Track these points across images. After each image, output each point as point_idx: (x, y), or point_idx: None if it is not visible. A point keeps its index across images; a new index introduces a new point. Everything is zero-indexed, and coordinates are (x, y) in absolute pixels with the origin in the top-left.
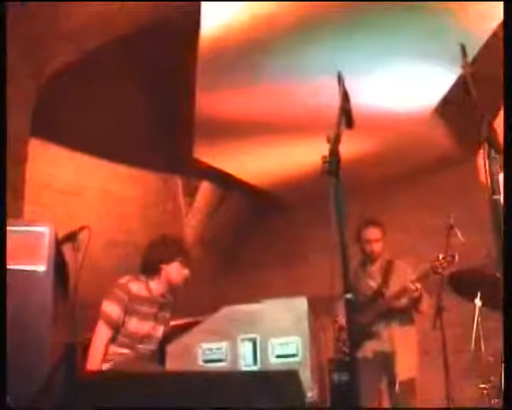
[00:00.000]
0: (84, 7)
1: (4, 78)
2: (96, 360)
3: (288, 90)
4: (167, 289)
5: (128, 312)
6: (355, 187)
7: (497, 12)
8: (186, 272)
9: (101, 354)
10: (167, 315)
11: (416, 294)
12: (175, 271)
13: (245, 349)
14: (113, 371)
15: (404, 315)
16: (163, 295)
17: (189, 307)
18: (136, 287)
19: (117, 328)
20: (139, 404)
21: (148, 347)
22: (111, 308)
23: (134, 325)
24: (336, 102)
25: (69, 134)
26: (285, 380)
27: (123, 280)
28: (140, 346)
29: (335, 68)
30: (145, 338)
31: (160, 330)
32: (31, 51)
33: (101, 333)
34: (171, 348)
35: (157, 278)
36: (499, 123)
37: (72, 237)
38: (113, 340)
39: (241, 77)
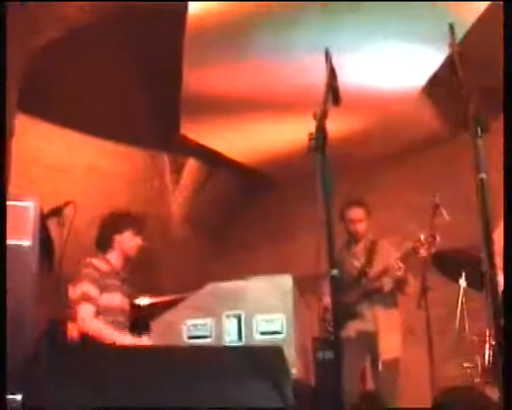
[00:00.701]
0: None
1: (4, 78)
2: (86, 335)
3: (276, 67)
4: (124, 260)
5: (100, 288)
6: (342, 165)
7: None
8: (139, 240)
9: (90, 329)
10: (129, 289)
11: (400, 273)
12: (127, 240)
13: (230, 326)
14: (97, 343)
15: (388, 295)
16: (123, 266)
17: (176, 285)
18: (99, 263)
19: (96, 304)
20: (124, 377)
21: (121, 319)
22: (86, 288)
23: (105, 299)
24: (324, 80)
25: (58, 110)
26: (269, 356)
27: (87, 260)
28: (114, 319)
29: (323, 46)
30: (117, 311)
31: (127, 303)
32: (19, 25)
33: (85, 311)
34: (155, 325)
35: (112, 250)
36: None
37: (57, 211)
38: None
39: (229, 54)
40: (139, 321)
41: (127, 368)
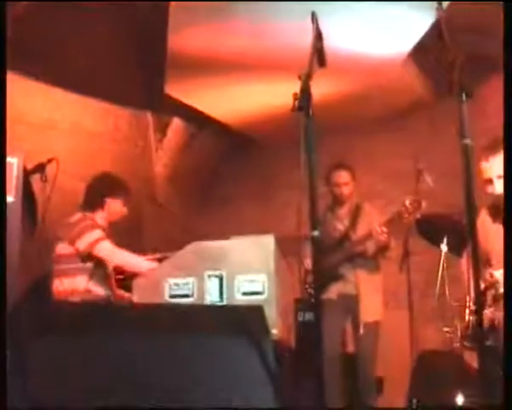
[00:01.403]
0: None
1: (4, 78)
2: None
3: (262, 27)
4: (107, 223)
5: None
6: (326, 128)
7: None
8: (125, 210)
9: (119, 260)
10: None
11: (383, 238)
12: (117, 207)
13: (211, 285)
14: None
15: (371, 259)
16: (107, 227)
17: (159, 245)
18: (92, 217)
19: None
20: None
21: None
22: (95, 234)
23: None
24: (310, 42)
25: (41, 66)
26: (250, 316)
27: (78, 215)
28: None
29: (310, 9)
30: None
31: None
32: None
33: (106, 247)
34: (137, 283)
35: (101, 211)
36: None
37: (40, 168)
38: None
39: (215, 14)
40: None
41: (110, 326)
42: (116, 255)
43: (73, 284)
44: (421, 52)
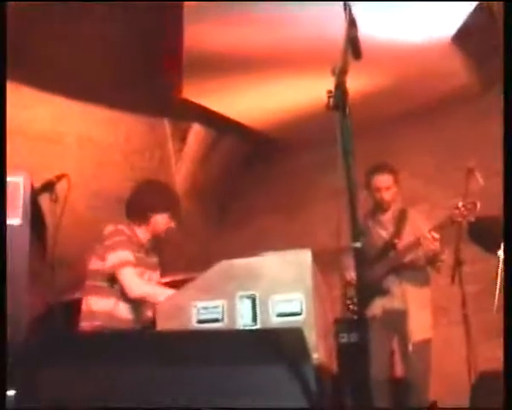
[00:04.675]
0: None
1: (4, 78)
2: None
3: (287, 18)
4: (152, 238)
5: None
6: (363, 126)
7: None
8: (172, 224)
9: (140, 292)
10: (155, 260)
11: (434, 246)
12: (163, 222)
13: (243, 307)
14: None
15: (418, 270)
16: (148, 241)
17: (181, 263)
18: (128, 232)
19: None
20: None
21: None
22: (123, 255)
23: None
24: (342, 32)
25: (44, 75)
26: (288, 340)
27: (110, 228)
28: None
29: None
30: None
31: (147, 275)
32: None
33: (128, 274)
34: (161, 308)
35: (144, 225)
36: None
37: (49, 186)
38: None
39: (234, 6)
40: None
41: (132, 355)
42: (135, 286)
43: (99, 305)
44: (465, 36)
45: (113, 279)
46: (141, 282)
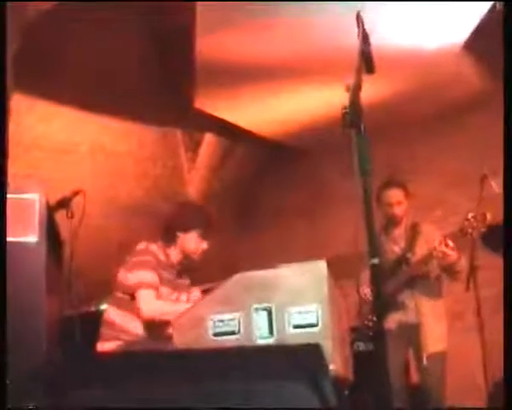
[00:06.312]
0: None
1: (4, 78)
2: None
3: (301, 28)
4: (183, 258)
5: (159, 277)
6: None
7: None
8: (204, 244)
9: (153, 313)
10: (186, 281)
11: (452, 256)
12: (192, 241)
13: (259, 320)
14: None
15: (432, 282)
16: (179, 262)
17: (196, 275)
18: (158, 251)
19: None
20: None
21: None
22: (145, 275)
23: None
24: (355, 42)
25: (56, 87)
26: (306, 355)
27: (142, 245)
28: None
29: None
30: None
31: (174, 296)
32: None
33: (146, 298)
34: (178, 322)
35: (173, 246)
36: None
37: (65, 202)
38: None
39: (247, 15)
40: None
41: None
42: (149, 308)
43: (120, 318)
44: (479, 40)
45: (133, 296)
46: (157, 304)
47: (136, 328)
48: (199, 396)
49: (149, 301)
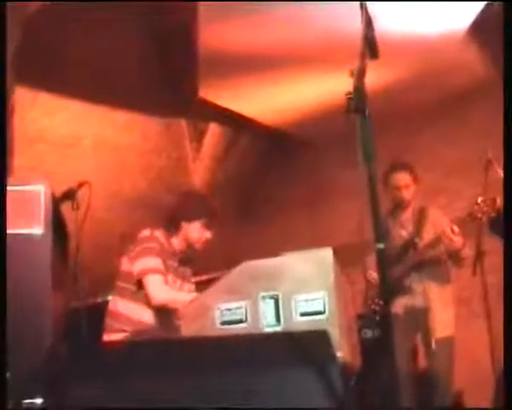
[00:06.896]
0: None
1: (4, 78)
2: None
3: (304, 17)
4: (186, 247)
5: (164, 265)
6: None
7: None
8: (208, 234)
9: (162, 299)
10: (188, 271)
11: (456, 241)
12: (195, 231)
13: (266, 308)
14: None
15: (439, 267)
16: (182, 251)
17: (202, 264)
18: (162, 239)
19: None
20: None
21: None
22: (151, 262)
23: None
24: (358, 29)
25: (59, 80)
26: (312, 340)
27: (147, 232)
28: None
29: None
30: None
31: (177, 284)
32: None
33: (155, 283)
34: (185, 311)
35: (177, 234)
36: None
37: (70, 194)
38: None
39: (250, 4)
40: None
41: (156, 362)
42: (159, 294)
43: (125, 308)
44: (481, 27)
45: (140, 284)
46: (166, 289)
47: (143, 317)
48: (205, 384)
49: (159, 287)
